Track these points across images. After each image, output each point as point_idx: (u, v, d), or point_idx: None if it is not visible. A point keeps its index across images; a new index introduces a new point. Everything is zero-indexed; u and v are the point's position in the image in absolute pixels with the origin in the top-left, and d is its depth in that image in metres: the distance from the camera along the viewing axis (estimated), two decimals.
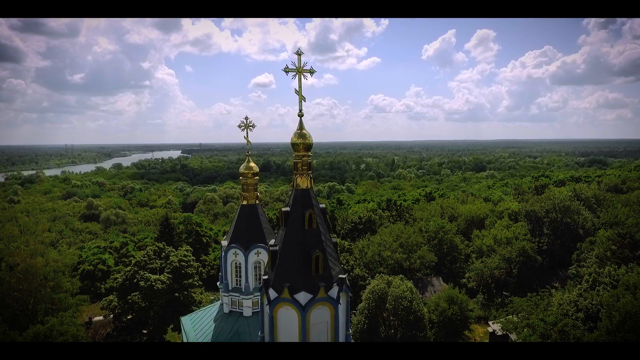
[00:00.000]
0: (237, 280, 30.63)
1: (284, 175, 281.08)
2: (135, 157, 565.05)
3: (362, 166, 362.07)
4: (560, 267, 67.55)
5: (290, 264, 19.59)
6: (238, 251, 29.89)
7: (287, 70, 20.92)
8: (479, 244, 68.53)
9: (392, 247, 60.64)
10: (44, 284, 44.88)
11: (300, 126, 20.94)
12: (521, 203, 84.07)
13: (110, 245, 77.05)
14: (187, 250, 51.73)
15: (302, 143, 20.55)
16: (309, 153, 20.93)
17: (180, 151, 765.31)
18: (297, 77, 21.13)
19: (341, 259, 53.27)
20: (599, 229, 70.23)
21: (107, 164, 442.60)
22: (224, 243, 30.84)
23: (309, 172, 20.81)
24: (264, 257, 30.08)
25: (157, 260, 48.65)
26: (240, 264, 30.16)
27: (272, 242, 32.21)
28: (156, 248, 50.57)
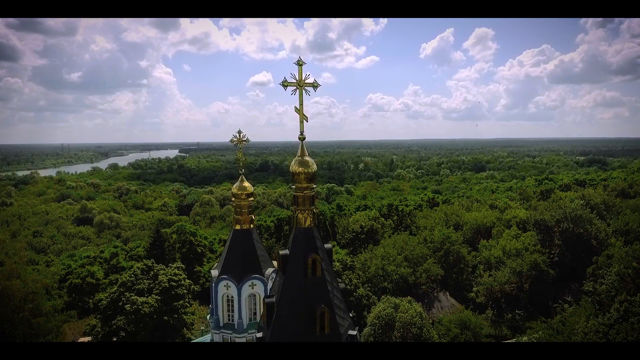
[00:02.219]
0: (229, 315, 27.27)
1: (282, 175, 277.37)
2: (133, 157, 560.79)
3: (361, 166, 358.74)
4: (572, 280, 64.40)
5: (289, 321, 16.26)
6: (230, 283, 26.54)
7: (285, 84, 17.33)
8: (487, 255, 65.32)
9: (396, 261, 57.29)
10: (22, 307, 41.37)
11: (302, 152, 17.37)
12: (529, 210, 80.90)
13: (100, 255, 73.66)
14: (178, 268, 48.17)
15: (303, 172, 17.02)
16: (312, 184, 17.38)
17: (177, 150, 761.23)
18: (297, 92, 17.61)
19: (343, 277, 49.66)
20: (610, 237, 67.24)
21: (103, 164, 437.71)
22: (214, 273, 27.47)
23: (312, 207, 17.28)
24: (259, 289, 26.74)
25: (144, 280, 45.08)
26: (232, 297, 26.80)
27: (268, 271, 28.85)
28: (144, 266, 46.98)
